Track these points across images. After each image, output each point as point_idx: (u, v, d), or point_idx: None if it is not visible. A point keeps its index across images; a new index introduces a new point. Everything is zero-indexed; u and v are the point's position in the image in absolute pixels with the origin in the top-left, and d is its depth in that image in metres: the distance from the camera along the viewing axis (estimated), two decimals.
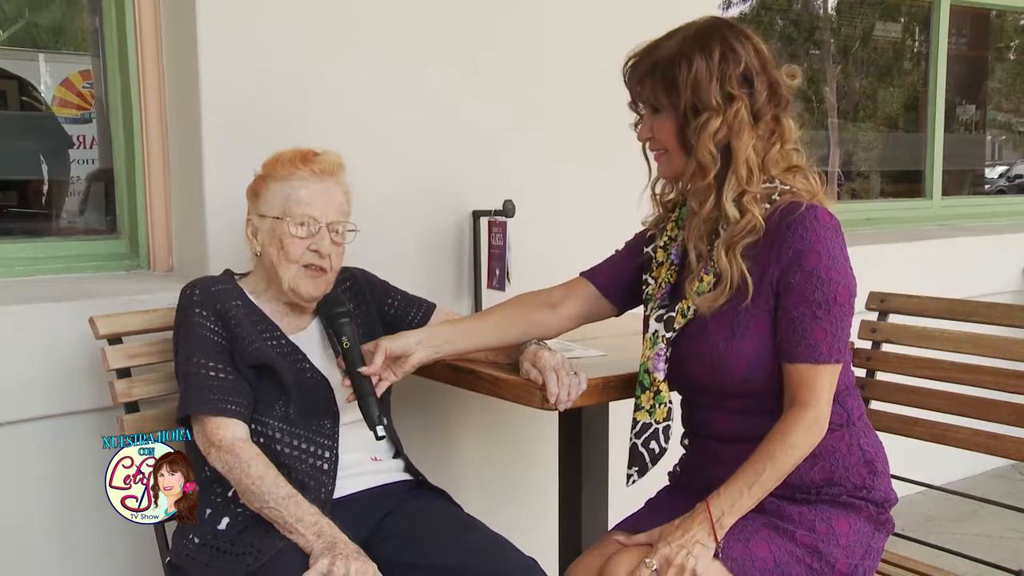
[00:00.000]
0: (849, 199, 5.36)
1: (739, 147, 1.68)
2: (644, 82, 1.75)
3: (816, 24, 5.74)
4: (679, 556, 1.61)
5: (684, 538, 1.62)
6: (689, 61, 1.69)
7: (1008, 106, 6.74)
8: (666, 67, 1.71)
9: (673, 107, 1.72)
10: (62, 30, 3.22)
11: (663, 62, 1.72)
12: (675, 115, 1.72)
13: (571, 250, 2.23)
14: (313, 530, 1.68)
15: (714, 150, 1.68)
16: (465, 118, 2.75)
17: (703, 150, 1.69)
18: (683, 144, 1.73)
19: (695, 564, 1.60)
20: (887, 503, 1.79)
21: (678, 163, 1.76)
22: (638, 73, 1.77)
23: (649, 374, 1.81)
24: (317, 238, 1.93)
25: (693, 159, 1.71)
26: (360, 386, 1.80)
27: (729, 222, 1.69)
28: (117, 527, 2.25)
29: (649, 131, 1.78)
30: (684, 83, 1.69)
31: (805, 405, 1.65)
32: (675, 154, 1.76)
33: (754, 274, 1.68)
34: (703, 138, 1.68)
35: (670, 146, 1.75)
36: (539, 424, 2.79)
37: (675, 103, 1.71)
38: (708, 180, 1.71)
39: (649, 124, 1.78)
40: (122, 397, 1.99)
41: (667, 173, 1.82)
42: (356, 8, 2.54)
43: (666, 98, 1.72)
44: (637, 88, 1.78)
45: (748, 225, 1.68)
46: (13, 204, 3.09)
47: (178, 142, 2.47)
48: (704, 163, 1.69)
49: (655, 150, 1.80)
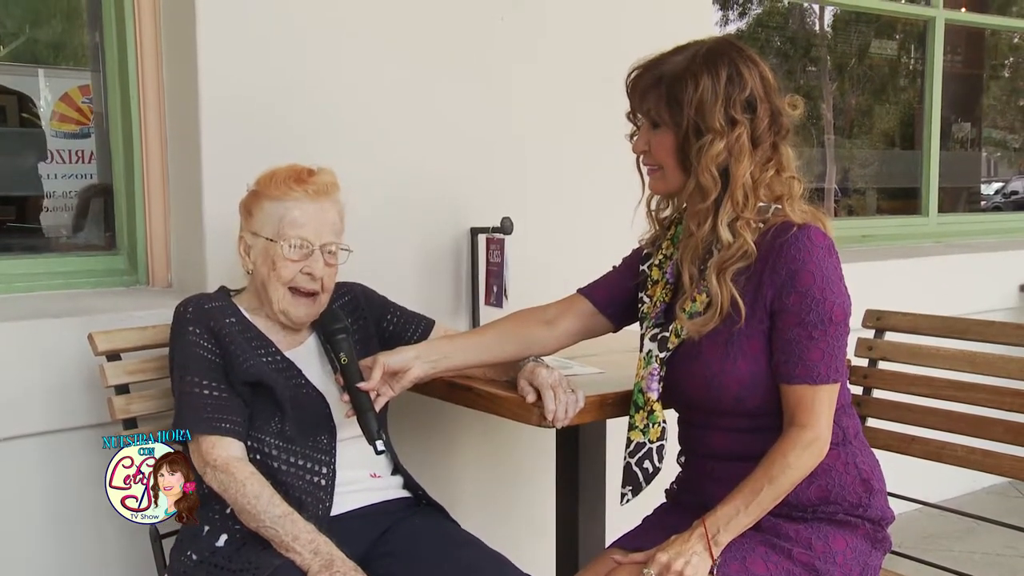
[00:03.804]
0: (845, 216, 5.38)
1: (737, 172, 1.68)
2: (647, 95, 1.73)
3: (812, 41, 5.77)
4: (677, 562, 1.61)
5: (682, 548, 1.63)
6: (696, 80, 1.67)
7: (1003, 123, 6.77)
8: (672, 82, 1.69)
9: (674, 124, 1.70)
10: (62, 45, 3.23)
11: (669, 77, 1.70)
12: (675, 132, 1.70)
13: (569, 267, 2.24)
14: (310, 548, 1.68)
15: (715, 173, 1.67)
16: (464, 134, 2.76)
17: (705, 172, 1.68)
18: (680, 162, 1.72)
19: (693, 573, 1.60)
20: (884, 521, 1.79)
21: (673, 180, 1.75)
22: (642, 84, 1.74)
23: (643, 394, 1.81)
24: (311, 260, 1.93)
25: (693, 179, 1.70)
26: (359, 402, 1.80)
27: (722, 245, 1.69)
28: (115, 543, 2.26)
29: (645, 144, 1.76)
30: (689, 101, 1.67)
31: (804, 426, 1.65)
32: (670, 171, 1.74)
33: (747, 295, 1.68)
34: (705, 160, 1.67)
35: (666, 163, 1.74)
36: (537, 441, 2.79)
37: (677, 120, 1.69)
38: (707, 203, 1.70)
39: (646, 138, 1.76)
40: (120, 413, 1.99)
41: (660, 189, 1.80)
42: (357, 26, 2.55)
43: (668, 114, 1.70)
44: (639, 100, 1.76)
45: (740, 250, 1.67)
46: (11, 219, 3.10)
47: (177, 158, 2.47)
48: (705, 186, 1.69)
49: (649, 165, 1.78)
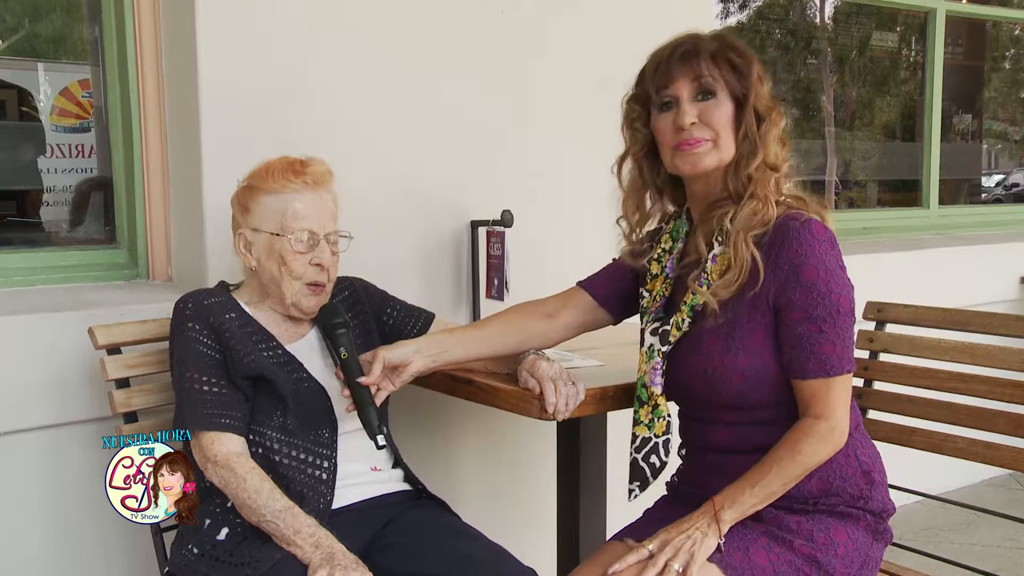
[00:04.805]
0: (846, 208, 5.37)
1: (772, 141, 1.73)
2: (716, 61, 1.70)
3: (813, 33, 5.76)
4: (678, 539, 1.62)
5: (685, 525, 1.65)
6: (750, 54, 1.73)
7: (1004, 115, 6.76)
8: (741, 53, 1.73)
9: (736, 93, 1.71)
10: (62, 40, 3.22)
11: (738, 48, 1.73)
12: (733, 101, 1.71)
13: (569, 260, 2.23)
14: (311, 541, 1.68)
15: (778, 148, 1.72)
16: (464, 127, 2.75)
17: (772, 147, 1.71)
18: (736, 131, 1.72)
19: (694, 546, 1.61)
20: (885, 513, 1.79)
21: (727, 150, 1.72)
22: (706, 52, 1.71)
23: (647, 388, 1.81)
24: (318, 251, 1.94)
25: (758, 152, 1.70)
26: (359, 396, 1.80)
27: (745, 212, 1.69)
28: (116, 537, 2.26)
29: (694, 117, 1.70)
30: (754, 72, 1.71)
31: (819, 417, 1.66)
32: (726, 142, 1.72)
33: (749, 287, 1.68)
34: (773, 133, 1.71)
35: (723, 133, 1.71)
36: (537, 434, 2.79)
37: (741, 88, 1.71)
38: (749, 171, 1.71)
39: (692, 111, 1.70)
40: (121, 407, 1.99)
41: (708, 164, 1.72)
42: (357, 19, 2.55)
43: (736, 82, 1.71)
44: (700, 68, 1.70)
45: (763, 216, 1.68)
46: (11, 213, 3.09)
47: (177, 152, 2.47)
48: (774, 161, 1.71)
49: (696, 138, 1.71)
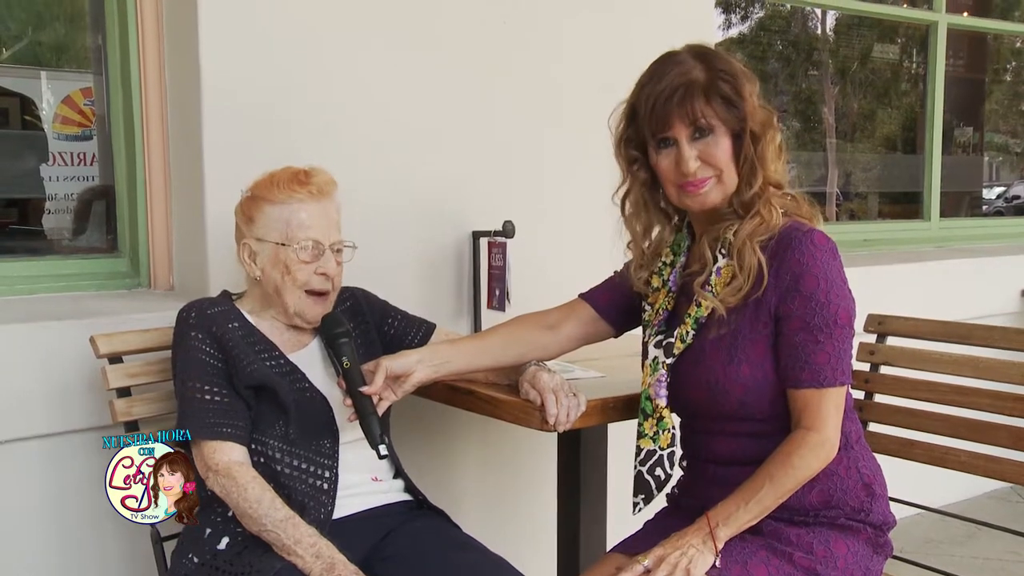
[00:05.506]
0: (847, 220, 5.38)
1: (770, 157, 1.72)
2: (710, 100, 1.66)
3: (814, 45, 5.77)
4: (673, 555, 1.61)
5: (681, 542, 1.64)
6: (736, 77, 1.68)
7: (1005, 128, 6.77)
8: (729, 77, 1.67)
9: (731, 125, 1.68)
10: (64, 48, 3.23)
11: (724, 73, 1.67)
12: (730, 134, 1.69)
13: (571, 271, 2.23)
14: (311, 551, 1.68)
15: (777, 163, 1.72)
16: (466, 137, 2.76)
17: (773, 163, 1.70)
18: (736, 162, 1.70)
19: (689, 564, 1.60)
20: (885, 526, 1.79)
21: (730, 183, 1.71)
22: (699, 90, 1.66)
23: (651, 401, 1.80)
24: (322, 260, 1.94)
25: (759, 174, 1.69)
26: (361, 405, 1.80)
27: (753, 221, 1.69)
28: (116, 546, 2.26)
29: (696, 159, 1.68)
30: (744, 94, 1.67)
31: (810, 428, 1.65)
32: (729, 175, 1.70)
33: (751, 299, 1.68)
34: (771, 149, 1.70)
35: (726, 168, 1.70)
36: (538, 445, 2.78)
37: (738, 120, 1.67)
38: (753, 191, 1.70)
39: (693, 151, 1.68)
40: (122, 416, 1.99)
41: (713, 200, 1.71)
42: (362, 26, 2.55)
43: (731, 116, 1.67)
44: (695, 111, 1.66)
45: (769, 224, 1.69)
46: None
47: (180, 160, 2.48)
48: (775, 179, 1.71)
49: (701, 179, 1.69)
